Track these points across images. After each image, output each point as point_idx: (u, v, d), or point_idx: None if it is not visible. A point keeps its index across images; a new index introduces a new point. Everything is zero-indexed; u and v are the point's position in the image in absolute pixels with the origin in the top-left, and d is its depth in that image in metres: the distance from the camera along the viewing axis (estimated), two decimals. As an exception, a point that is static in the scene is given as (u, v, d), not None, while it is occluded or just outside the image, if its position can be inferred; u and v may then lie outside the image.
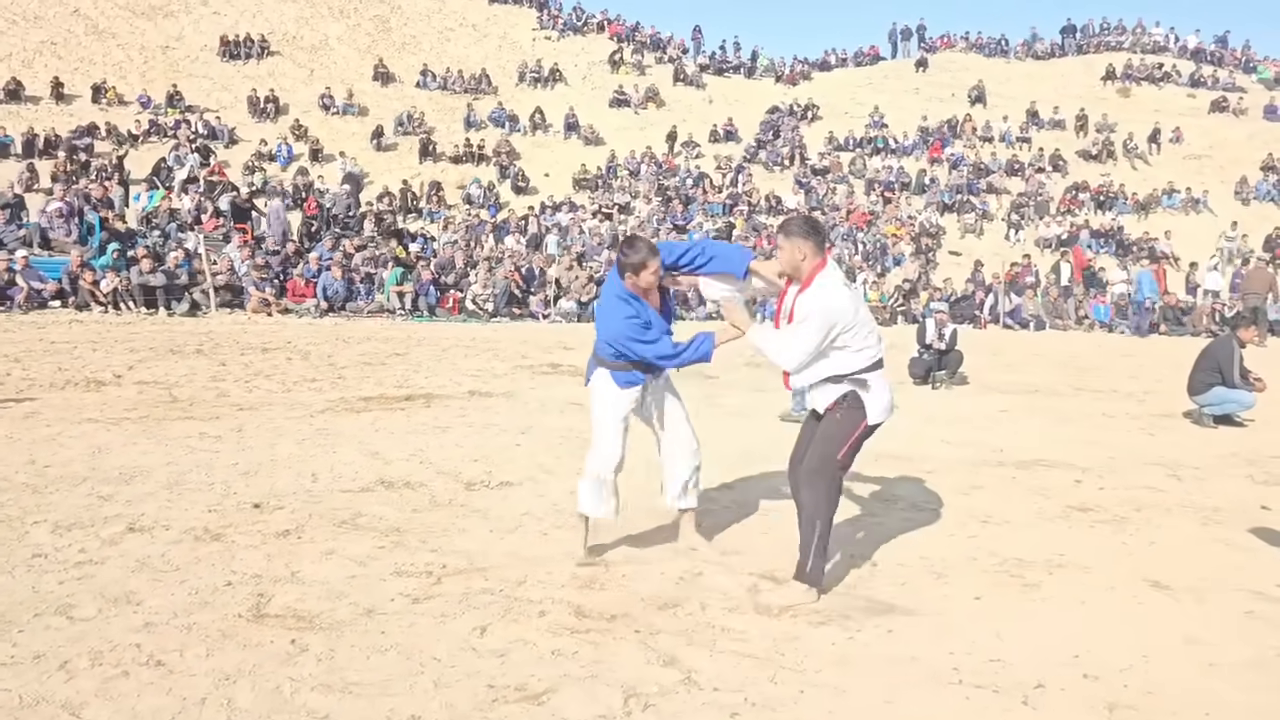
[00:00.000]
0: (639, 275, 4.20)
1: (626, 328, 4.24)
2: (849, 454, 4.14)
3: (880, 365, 4.14)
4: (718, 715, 3.06)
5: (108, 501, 5.10)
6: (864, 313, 4.12)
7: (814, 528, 4.07)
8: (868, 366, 4.08)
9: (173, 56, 30.81)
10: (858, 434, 4.11)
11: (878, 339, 4.13)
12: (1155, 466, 7.25)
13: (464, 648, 3.49)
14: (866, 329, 4.08)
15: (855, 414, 4.10)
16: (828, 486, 4.12)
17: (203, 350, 11.39)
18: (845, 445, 4.10)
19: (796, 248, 4.04)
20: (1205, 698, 3.30)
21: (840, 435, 4.10)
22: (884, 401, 4.15)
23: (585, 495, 4.47)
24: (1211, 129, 33.48)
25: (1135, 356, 15.98)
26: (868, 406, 4.10)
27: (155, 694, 3.04)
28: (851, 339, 4.02)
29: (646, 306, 4.33)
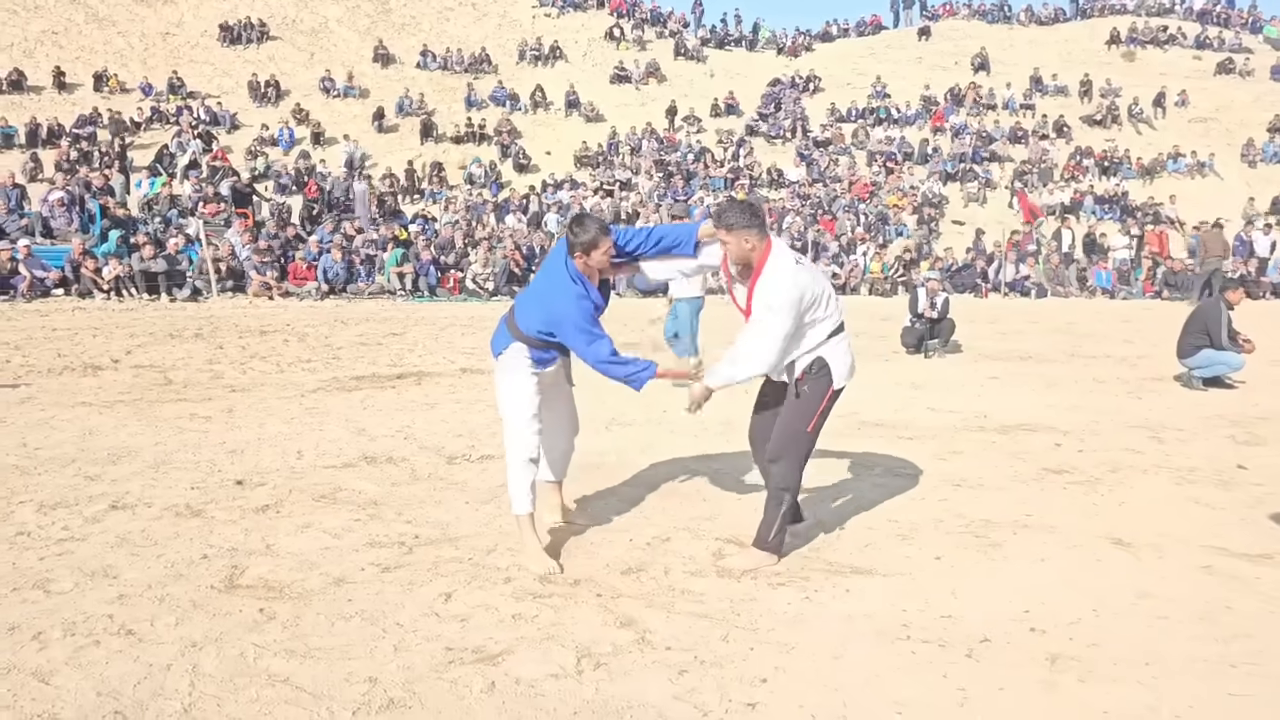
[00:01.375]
0: (590, 255, 4.04)
1: (577, 312, 4.03)
2: (819, 423, 4.12)
3: (842, 329, 4.13)
4: (666, 673, 3.15)
5: (94, 481, 5.22)
6: (821, 282, 4.09)
7: (781, 500, 4.09)
8: (831, 333, 4.07)
9: (173, 43, 30.83)
10: (825, 402, 4.09)
11: (836, 304, 4.12)
12: (1138, 429, 7.30)
13: (427, 613, 3.59)
14: (826, 297, 4.05)
15: (821, 382, 4.08)
16: (797, 461, 4.12)
17: (201, 334, 11.52)
18: (814, 416, 4.09)
19: (741, 239, 3.95)
20: (1147, 649, 3.37)
21: (808, 407, 4.08)
22: (847, 364, 4.14)
23: (516, 492, 4.18)
24: (1218, 91, 33.17)
25: (1133, 322, 15.97)
26: (833, 371, 4.08)
27: (123, 661, 3.15)
28: (817, 312, 4.01)
29: (593, 290, 4.16)
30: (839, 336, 4.11)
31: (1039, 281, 21.45)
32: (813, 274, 4.06)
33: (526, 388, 4.19)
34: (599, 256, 4.06)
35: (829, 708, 2.96)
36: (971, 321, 14.54)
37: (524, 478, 4.17)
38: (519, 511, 4.17)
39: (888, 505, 5.09)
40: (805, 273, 4.00)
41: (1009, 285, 21.39)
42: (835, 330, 4.09)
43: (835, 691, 3.05)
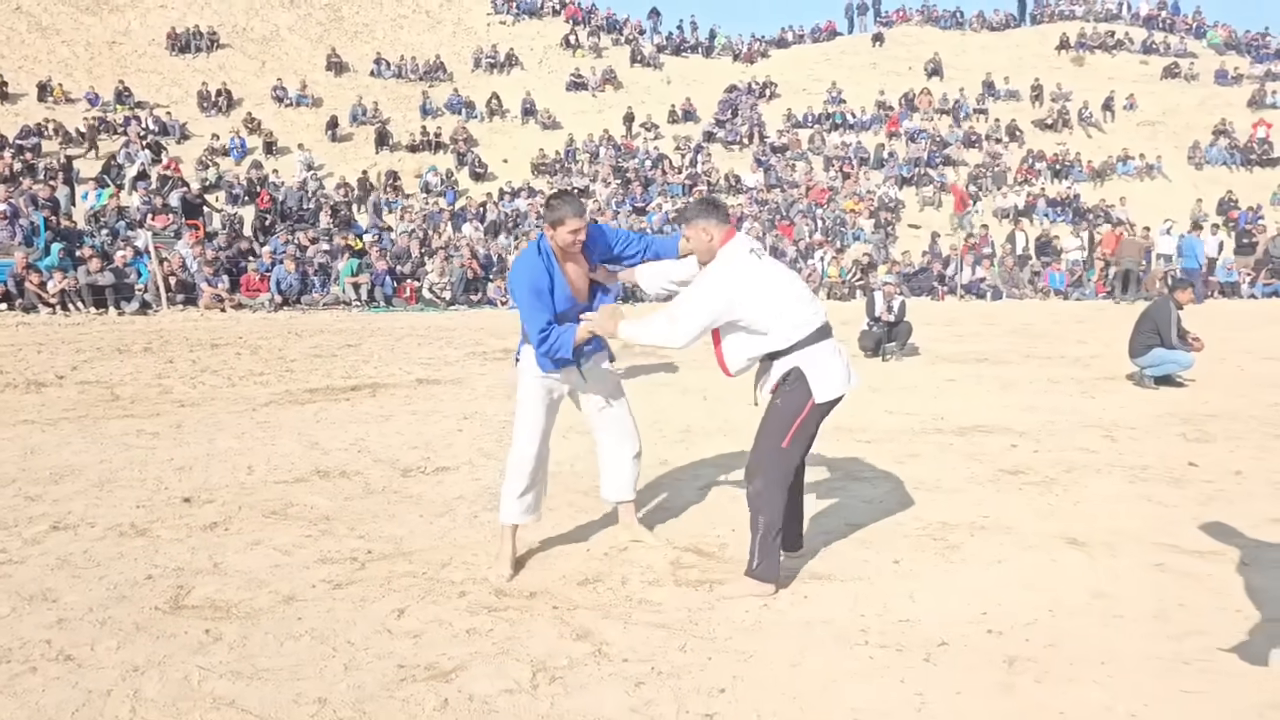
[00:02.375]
0: (556, 231, 3.90)
1: (528, 277, 3.94)
2: (796, 441, 3.80)
3: (824, 334, 3.81)
4: (623, 685, 3.10)
5: (34, 501, 5.07)
6: (783, 281, 3.81)
7: (758, 525, 3.80)
8: (806, 338, 3.76)
9: (120, 52, 30.29)
10: (804, 416, 3.77)
11: (812, 306, 3.82)
12: (1092, 428, 7.38)
13: (379, 630, 3.51)
14: (792, 297, 3.77)
15: (799, 394, 3.77)
16: (773, 480, 3.80)
17: (150, 348, 11.29)
18: (790, 431, 3.77)
19: (701, 230, 3.81)
20: (1103, 647, 3.38)
21: (782, 421, 3.79)
22: (833, 375, 3.79)
23: (506, 501, 4.14)
24: (1164, 95, 33.83)
25: (1086, 323, 16.18)
26: (812, 383, 3.75)
27: (61, 688, 3.04)
28: (768, 313, 3.72)
29: (560, 275, 4.00)
30: (820, 344, 3.79)
31: (994, 284, 21.69)
32: (764, 271, 3.80)
33: (531, 395, 4.12)
34: (564, 234, 3.89)
35: (787, 716, 2.93)
36: (928, 324, 14.67)
37: (512, 488, 4.12)
38: (501, 520, 4.16)
39: (846, 510, 5.08)
40: (751, 267, 3.77)
41: (965, 288, 21.62)
42: (813, 336, 3.77)
43: (793, 699, 3.02)
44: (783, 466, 3.81)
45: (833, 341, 3.86)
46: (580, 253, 4.07)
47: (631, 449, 4.38)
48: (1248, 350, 12.05)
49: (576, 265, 4.10)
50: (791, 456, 3.83)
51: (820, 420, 3.86)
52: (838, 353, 3.86)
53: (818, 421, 3.86)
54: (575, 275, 4.11)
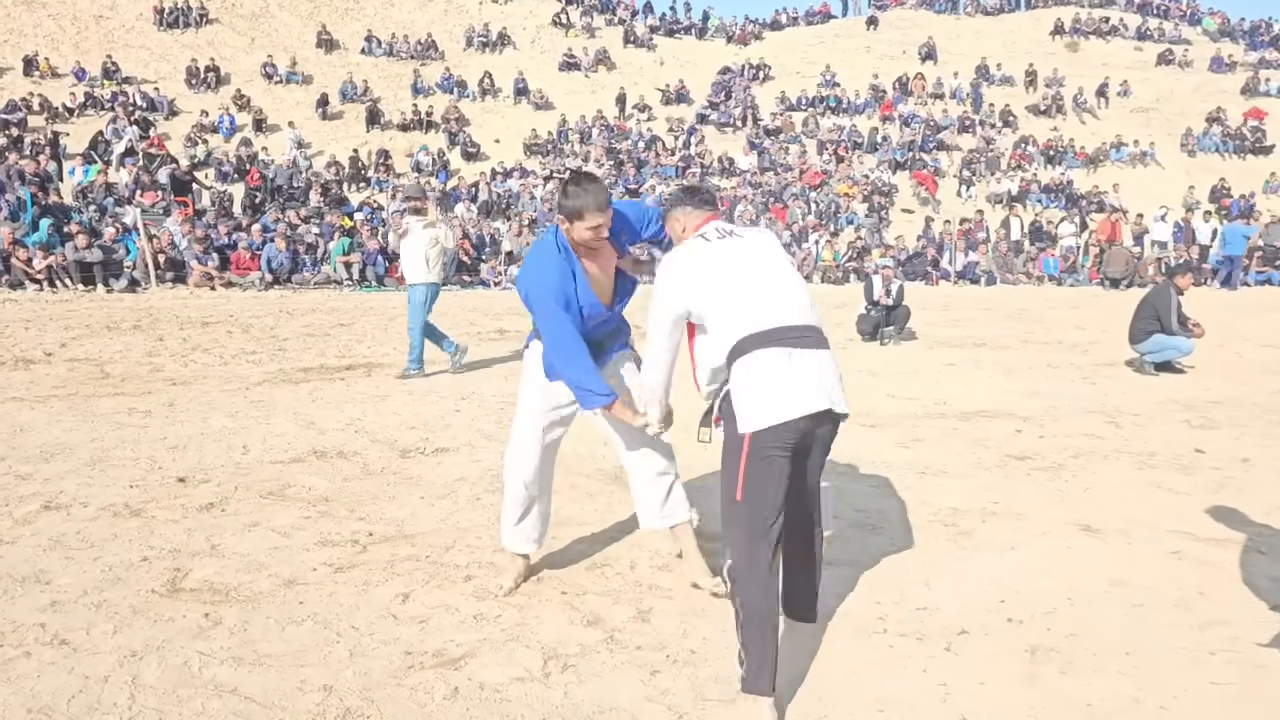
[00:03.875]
0: (572, 225, 3.23)
1: (543, 279, 3.27)
2: (752, 491, 2.75)
3: (776, 339, 2.78)
4: (637, 673, 3.02)
5: (25, 480, 4.95)
6: (735, 262, 2.95)
7: (738, 614, 2.79)
8: (742, 341, 2.79)
9: (107, 26, 29.85)
10: (746, 455, 2.74)
11: (764, 301, 2.85)
12: (1095, 414, 7.32)
13: (384, 615, 3.41)
14: (738, 290, 2.87)
15: (733, 430, 2.82)
16: (739, 548, 2.78)
17: (140, 326, 11.12)
18: (738, 478, 2.76)
19: (675, 220, 3.26)
20: (1126, 637, 3.31)
21: (729, 465, 2.82)
22: (771, 393, 2.73)
23: (505, 525, 3.67)
24: (1158, 82, 33.76)
25: (1082, 308, 16.14)
26: (737, 406, 2.77)
27: (56, 674, 2.94)
28: (710, 304, 2.89)
29: (583, 275, 3.34)
30: (762, 352, 2.76)
31: (988, 269, 21.64)
32: (717, 252, 2.98)
33: (531, 397, 3.54)
34: (582, 230, 3.22)
35: (808, 706, 2.85)
36: (924, 309, 14.59)
37: (513, 508, 3.62)
38: (503, 545, 3.71)
39: (853, 495, 5.00)
40: (698, 250, 3.02)
41: (959, 273, 21.56)
42: (755, 340, 2.77)
43: (813, 690, 2.94)
44: (744, 527, 2.76)
45: (784, 350, 2.77)
46: (608, 243, 3.41)
47: (659, 464, 3.62)
48: (1244, 337, 12.03)
49: (602, 259, 3.42)
50: (755, 511, 2.75)
51: (784, 456, 2.76)
52: (788, 362, 2.76)
53: (778, 458, 2.74)
54: (600, 273, 3.43)
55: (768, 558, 2.78)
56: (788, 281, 2.95)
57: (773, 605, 2.79)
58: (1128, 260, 21.18)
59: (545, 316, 3.26)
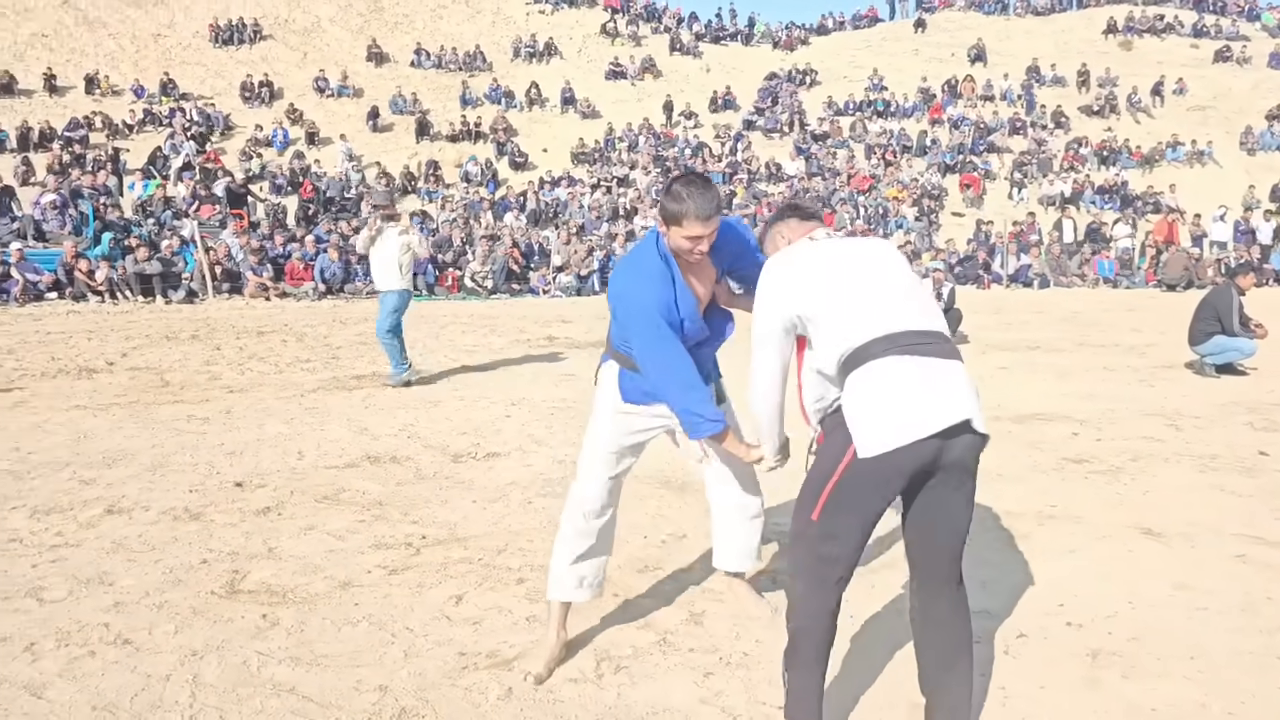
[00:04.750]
0: (669, 230, 2.84)
1: (645, 291, 2.86)
2: (831, 512, 2.41)
3: (898, 345, 2.38)
4: (690, 675, 3.01)
5: (89, 485, 5.07)
6: (846, 263, 2.58)
7: (788, 634, 2.56)
8: (857, 350, 2.41)
9: (165, 44, 30.60)
10: (839, 475, 2.38)
11: (883, 305, 2.47)
12: (1154, 417, 7.16)
13: (438, 617, 3.44)
14: (854, 290, 2.50)
15: (836, 442, 2.43)
16: (802, 567, 2.52)
17: (198, 336, 11.35)
18: (820, 496, 2.42)
19: (779, 237, 2.85)
20: (1190, 641, 3.23)
21: (814, 480, 2.47)
22: (890, 409, 2.33)
23: (556, 568, 3.15)
24: (1215, 79, 33.00)
25: (1139, 311, 15.82)
26: (853, 425, 2.37)
27: (120, 672, 3.00)
28: (820, 309, 2.51)
29: (685, 287, 2.94)
30: (881, 361, 2.38)
31: (1041, 272, 21.29)
32: (824, 252, 2.62)
33: (603, 426, 3.15)
34: (679, 238, 2.82)
35: (861, 710, 2.82)
36: (976, 312, 14.40)
37: (566, 549, 3.14)
38: (549, 595, 3.18)
39: (907, 498, 4.93)
40: (802, 251, 2.65)
41: (1011, 276, 21.24)
42: (873, 348, 2.40)
43: (868, 692, 2.91)
44: (812, 548, 2.47)
45: (914, 359, 2.38)
46: (706, 258, 2.97)
47: (747, 507, 3.34)
48: (1310, 338, 11.69)
49: (702, 276, 3.04)
50: (826, 535, 2.43)
51: (893, 489, 2.38)
52: (917, 373, 2.37)
53: (880, 491, 2.38)
54: (701, 286, 3.05)
55: (830, 593, 2.47)
56: (910, 283, 2.57)
57: (825, 641, 2.51)
58: (1186, 265, 20.71)
59: (645, 333, 2.86)
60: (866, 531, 2.45)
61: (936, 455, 2.34)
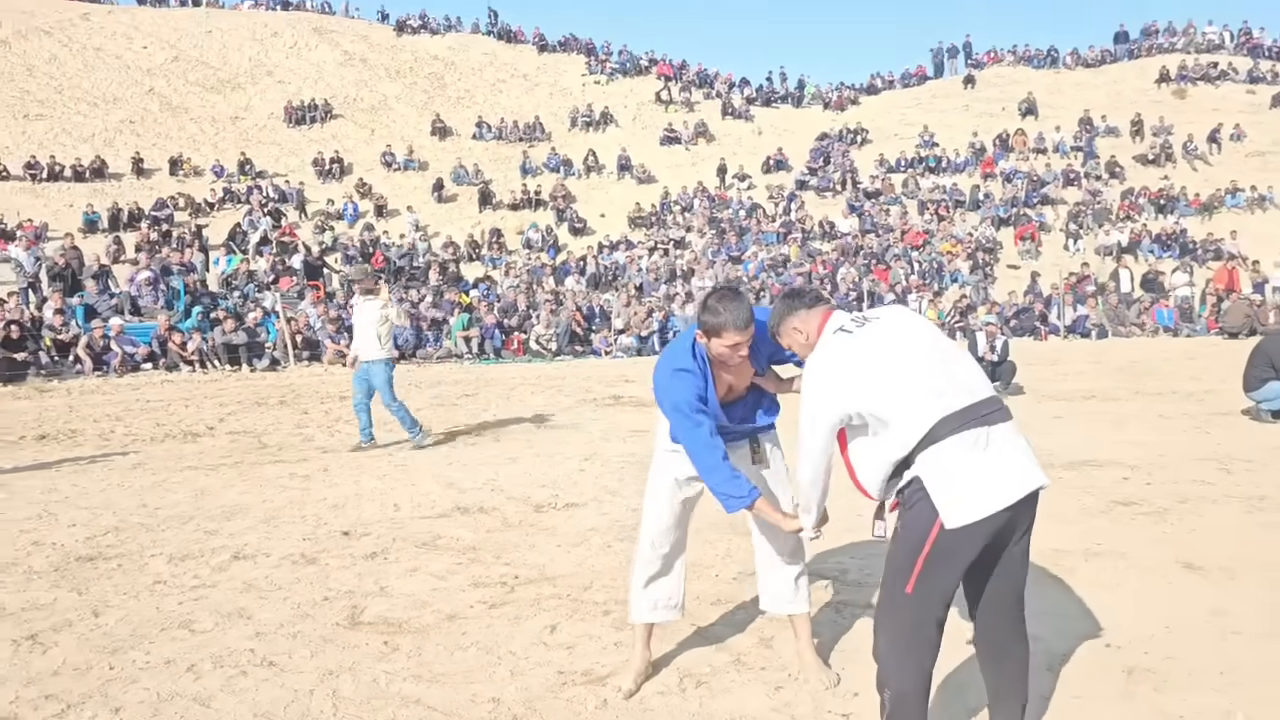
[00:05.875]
0: (710, 341, 3.17)
1: (677, 387, 3.24)
2: (925, 584, 2.64)
3: (962, 423, 2.61)
4: (763, 689, 3.41)
5: (213, 535, 5.63)
6: (893, 353, 2.74)
7: (883, 700, 2.75)
8: (929, 432, 2.61)
9: (242, 126, 32.31)
10: (930, 548, 2.60)
11: (942, 383, 2.67)
12: (1206, 461, 7.39)
13: (536, 643, 3.88)
14: (907, 375, 2.68)
15: (920, 515, 2.63)
16: (895, 639, 2.72)
17: (285, 401, 12.06)
18: (913, 571, 2.64)
19: (794, 331, 3.01)
20: (1222, 659, 3.55)
21: (903, 554, 2.67)
22: (972, 483, 2.57)
23: (634, 595, 3.56)
24: (1273, 124, 32.87)
25: (1199, 359, 15.86)
26: (937, 498, 2.58)
27: (271, 688, 3.49)
28: (879, 402, 2.68)
29: (713, 385, 3.29)
30: (953, 439, 2.60)
31: (1099, 322, 21.36)
32: (868, 345, 2.78)
33: (660, 489, 3.50)
34: (720, 348, 3.15)
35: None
36: (1032, 364, 14.61)
37: (638, 576, 3.55)
38: (631, 619, 3.60)
39: (961, 538, 5.27)
40: (845, 346, 2.81)
41: (1068, 327, 21.34)
42: (941, 427, 2.61)
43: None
44: (908, 621, 2.69)
45: (981, 431, 2.62)
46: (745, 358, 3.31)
47: (788, 547, 3.54)
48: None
49: (737, 373, 3.38)
50: (921, 607, 2.67)
51: (971, 553, 2.63)
52: (987, 445, 2.61)
53: (965, 555, 2.62)
54: (735, 380, 3.41)
55: (930, 654, 2.70)
56: (954, 354, 2.78)
57: (924, 700, 2.73)
58: (1247, 312, 20.64)
59: (679, 423, 3.25)
60: (953, 594, 2.71)
61: (1011, 519, 2.63)
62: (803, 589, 3.58)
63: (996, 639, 2.88)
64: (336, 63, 36.44)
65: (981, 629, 2.91)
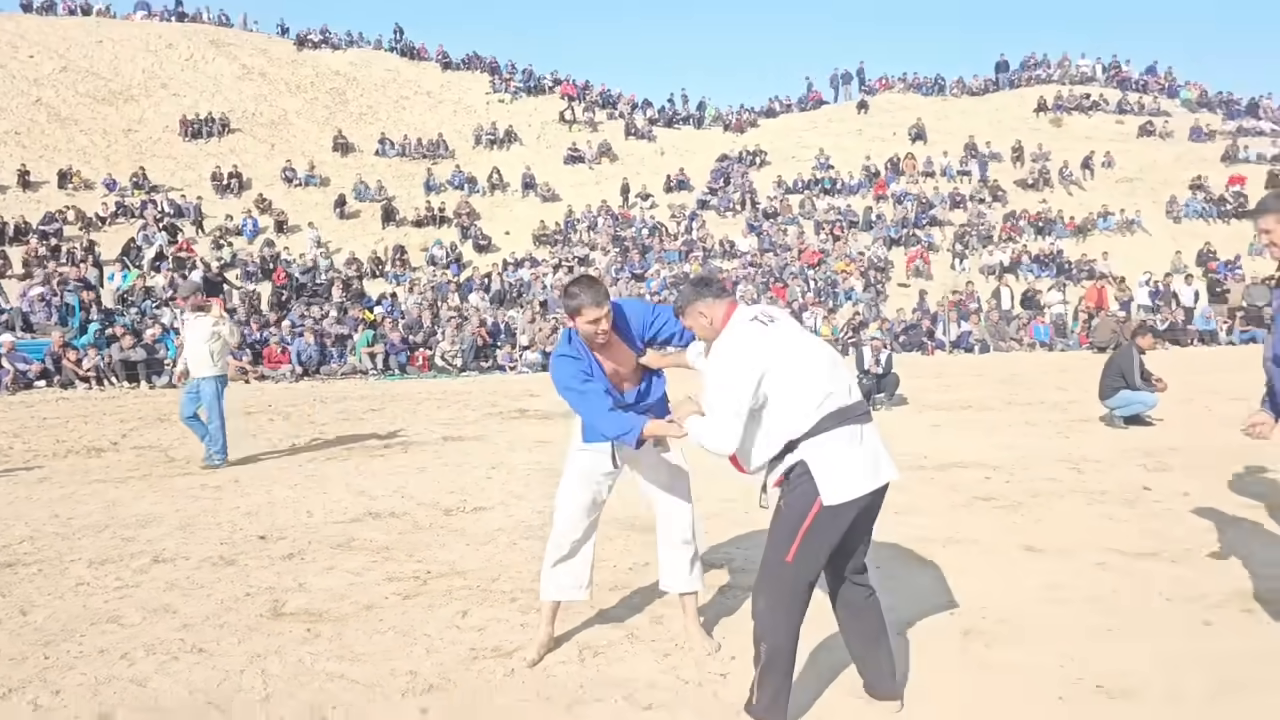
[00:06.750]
0: (574, 321, 3.64)
1: (559, 371, 3.72)
2: (804, 553, 3.11)
3: (845, 418, 3.13)
4: (653, 656, 3.86)
5: (130, 542, 5.82)
6: (800, 349, 3.22)
7: (760, 653, 3.20)
8: (819, 423, 3.10)
9: (135, 139, 31.59)
10: (810, 521, 3.08)
11: (833, 382, 3.18)
12: (1061, 462, 8.15)
13: (449, 626, 4.26)
14: (810, 370, 3.16)
15: (803, 493, 3.10)
16: (777, 600, 3.17)
17: (189, 417, 12.05)
18: (794, 540, 3.09)
19: (698, 314, 3.38)
20: (1048, 622, 4.14)
21: (786, 527, 3.13)
22: (848, 470, 3.09)
23: (544, 574, 3.98)
24: (1141, 152, 35.12)
25: (1069, 371, 16.99)
26: (819, 480, 3.07)
27: (203, 670, 3.78)
28: (783, 390, 3.13)
29: (597, 365, 3.73)
30: (837, 431, 3.11)
31: (981, 338, 22.58)
32: (780, 339, 3.22)
33: (572, 482, 3.92)
34: (583, 325, 3.61)
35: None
36: (919, 377, 15.50)
37: (549, 558, 3.96)
38: (541, 596, 4.02)
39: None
40: (759, 337, 3.21)
41: (953, 342, 22.49)
42: (828, 420, 3.11)
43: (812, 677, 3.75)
44: (787, 584, 3.15)
45: (856, 428, 3.15)
46: (617, 339, 3.77)
47: (684, 532, 3.96)
48: (1215, 391, 12.83)
49: (616, 354, 3.80)
50: (799, 573, 3.14)
51: (843, 526, 3.14)
52: (860, 440, 3.14)
53: (838, 529, 3.13)
54: (615, 365, 3.81)
55: (801, 614, 3.20)
56: (836, 361, 3.30)
57: (794, 651, 3.23)
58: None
59: (573, 394, 3.68)
60: (824, 563, 3.22)
61: (871, 502, 3.21)
62: (697, 570, 4.03)
63: (852, 601, 3.42)
64: (234, 76, 35.92)
65: (840, 595, 3.44)
